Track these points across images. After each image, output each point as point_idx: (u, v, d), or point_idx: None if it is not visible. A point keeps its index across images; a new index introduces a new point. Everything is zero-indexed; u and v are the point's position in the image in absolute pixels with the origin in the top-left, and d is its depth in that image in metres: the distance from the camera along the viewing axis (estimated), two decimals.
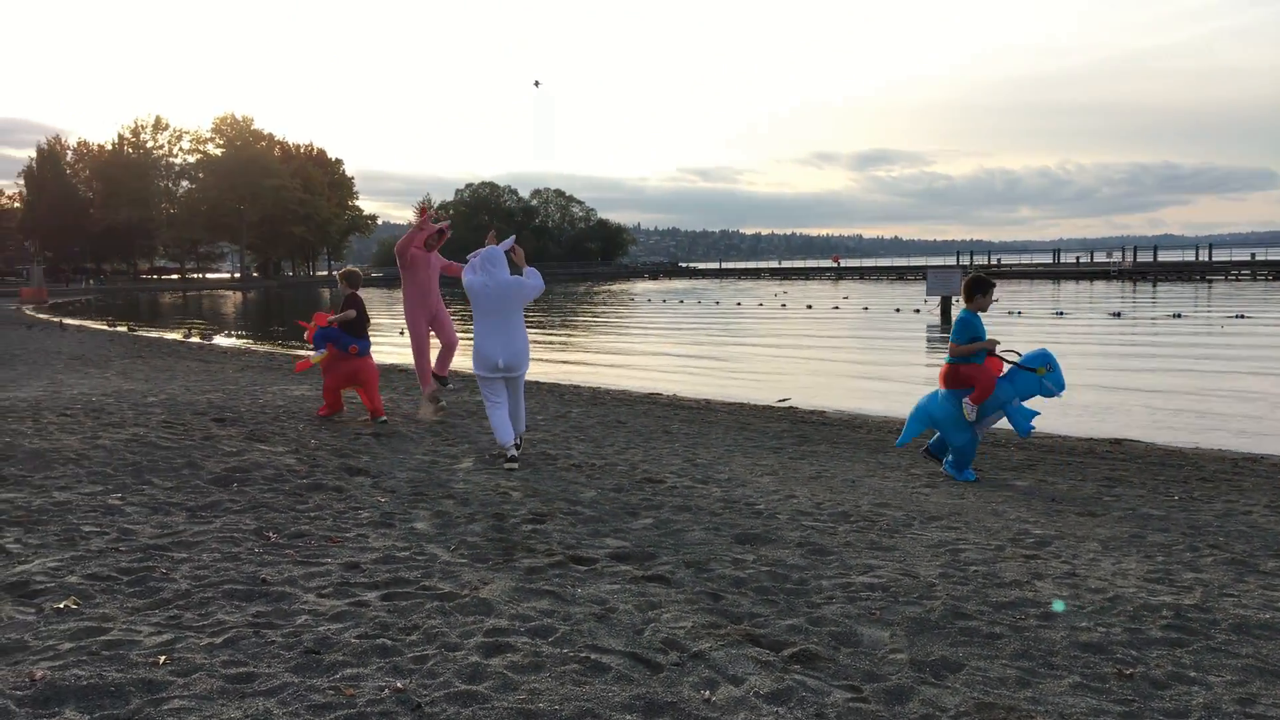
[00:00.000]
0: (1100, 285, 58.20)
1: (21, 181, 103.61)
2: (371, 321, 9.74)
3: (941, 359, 7.77)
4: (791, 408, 12.73)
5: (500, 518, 5.56)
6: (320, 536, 4.97)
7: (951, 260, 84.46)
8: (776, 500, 6.39)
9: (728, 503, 6.24)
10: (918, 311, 32.84)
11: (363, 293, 9.93)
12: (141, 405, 9.60)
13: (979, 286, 7.46)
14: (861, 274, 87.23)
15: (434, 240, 9.78)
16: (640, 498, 6.33)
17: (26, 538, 4.68)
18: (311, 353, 9.53)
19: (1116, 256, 75.98)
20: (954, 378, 7.44)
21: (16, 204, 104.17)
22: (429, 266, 9.74)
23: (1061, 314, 32.12)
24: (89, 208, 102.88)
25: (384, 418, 9.26)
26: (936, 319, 29.08)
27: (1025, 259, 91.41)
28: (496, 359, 7.23)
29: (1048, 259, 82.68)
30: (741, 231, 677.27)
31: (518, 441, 7.42)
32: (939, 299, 30.08)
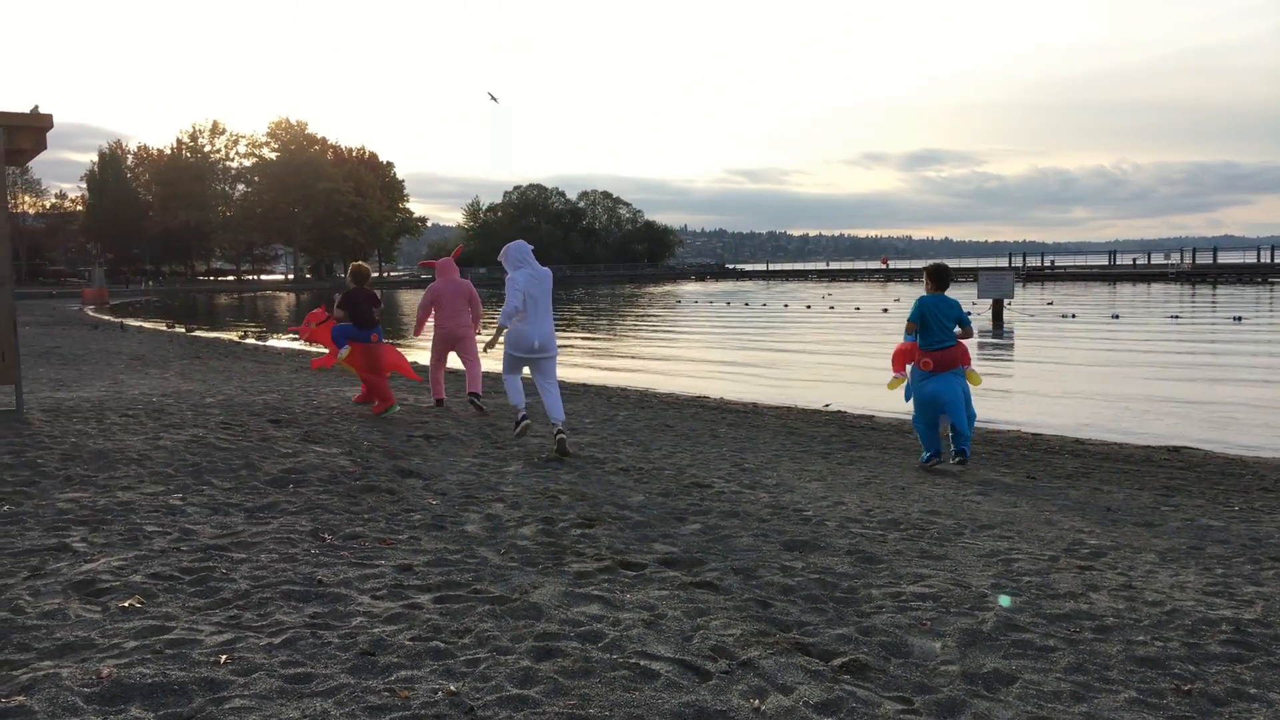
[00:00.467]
0: (1158, 288, 56.99)
1: (84, 184, 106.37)
2: (382, 305, 10.10)
3: (991, 364, 7.71)
4: (839, 412, 12.65)
5: (549, 521, 5.60)
6: (374, 538, 5.05)
7: (1003, 261, 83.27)
8: (825, 506, 6.37)
9: (776, 509, 6.23)
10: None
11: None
12: (200, 406, 9.81)
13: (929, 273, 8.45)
14: (910, 276, 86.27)
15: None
16: (688, 503, 6.34)
17: (92, 536, 4.82)
18: (318, 347, 9.86)
19: (1175, 258, 74.42)
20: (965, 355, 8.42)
21: (79, 207, 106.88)
22: (454, 296, 10.45)
23: (1117, 317, 31.53)
24: (148, 210, 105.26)
25: (395, 405, 9.69)
26: (988, 323, 28.69)
27: (1080, 260, 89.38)
28: (533, 341, 7.99)
29: (1103, 260, 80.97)
30: (789, 233, 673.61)
31: (560, 429, 7.93)
32: (990, 301, 29.60)
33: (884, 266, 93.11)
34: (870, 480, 7.57)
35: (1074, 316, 31.54)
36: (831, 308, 41.80)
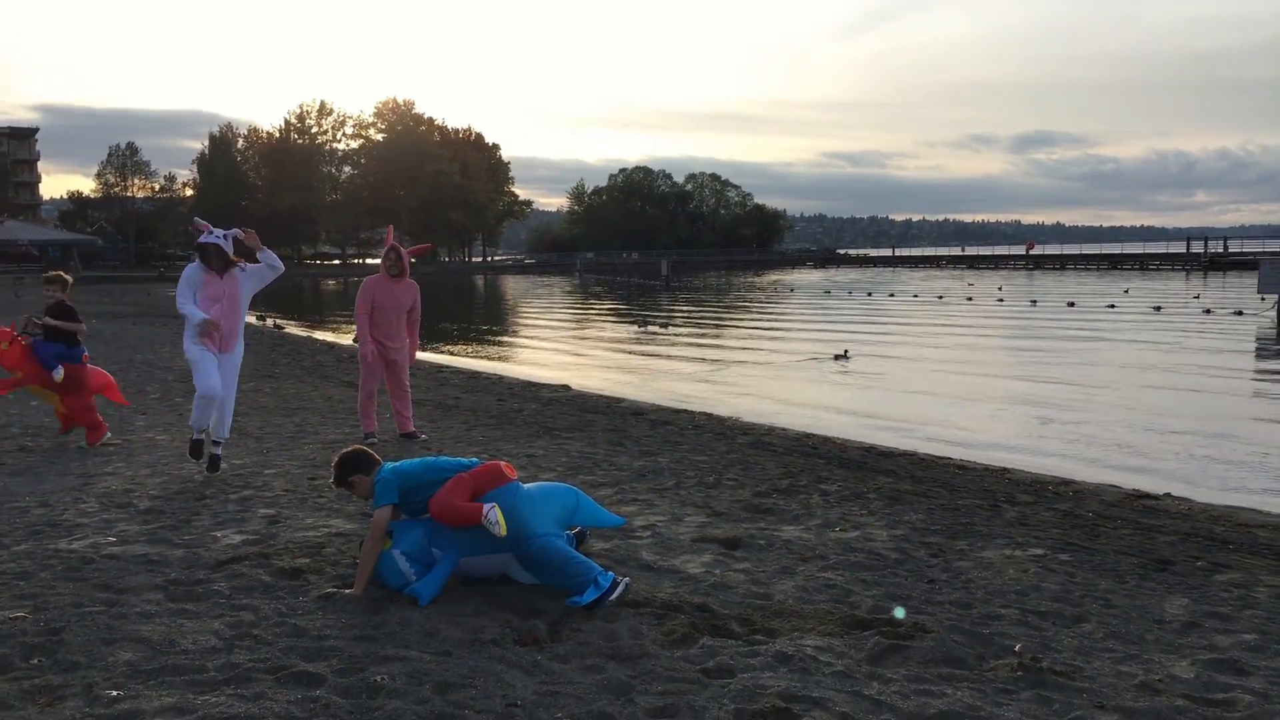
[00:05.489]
0: None
1: (195, 168, 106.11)
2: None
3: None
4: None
5: None
6: None
7: (1121, 247, 74.69)
8: None
9: None
10: (1240, 314, 26.38)
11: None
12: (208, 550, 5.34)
13: None
14: (1062, 263, 78.84)
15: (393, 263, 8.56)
16: None
17: None
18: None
19: None
20: None
21: (190, 191, 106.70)
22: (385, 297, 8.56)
23: None
24: (256, 193, 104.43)
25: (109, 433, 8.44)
26: (1272, 322, 22.81)
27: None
28: None
29: None
30: (891, 218, 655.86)
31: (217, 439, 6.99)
32: (1276, 297, 23.56)
33: (1028, 252, 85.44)
34: None
35: None
36: (1001, 300, 36.00)
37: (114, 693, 3.25)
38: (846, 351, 18.21)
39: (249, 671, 3.44)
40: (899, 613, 4.22)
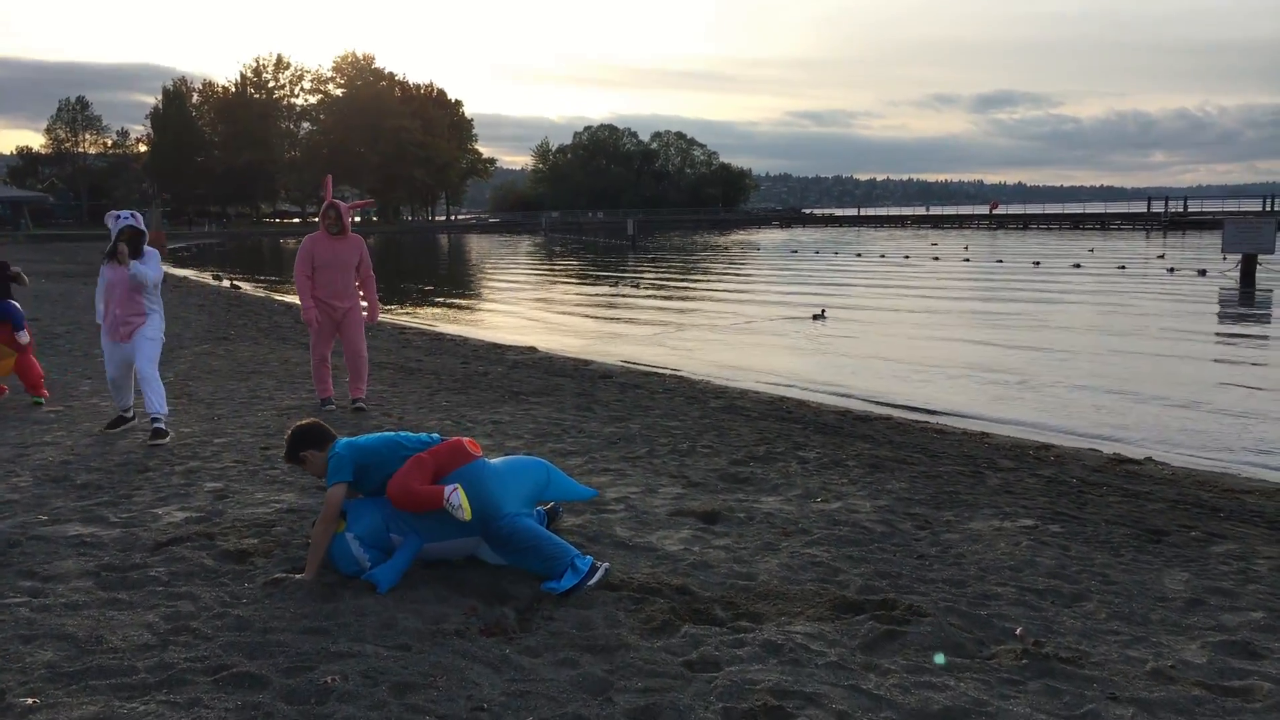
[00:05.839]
0: None
1: (148, 123, 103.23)
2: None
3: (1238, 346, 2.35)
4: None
5: None
6: None
7: (1085, 207, 75.27)
8: None
9: None
10: (1203, 273, 26.38)
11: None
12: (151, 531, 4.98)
13: None
14: (1025, 223, 79.16)
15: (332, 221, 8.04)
16: None
17: None
18: None
19: None
20: None
21: (143, 147, 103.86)
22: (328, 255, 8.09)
23: None
24: (212, 150, 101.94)
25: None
26: (1234, 284, 22.81)
27: (1232, 205, 78.36)
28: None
29: (1257, 206, 71.62)
30: (856, 177, 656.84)
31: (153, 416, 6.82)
32: (1239, 258, 23.51)
33: (992, 212, 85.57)
34: None
35: None
36: (967, 260, 35.96)
37: (29, 700, 2.90)
38: (824, 311, 17.97)
39: (184, 673, 3.10)
40: (939, 659, 3.40)
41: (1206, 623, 3.88)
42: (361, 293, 8.33)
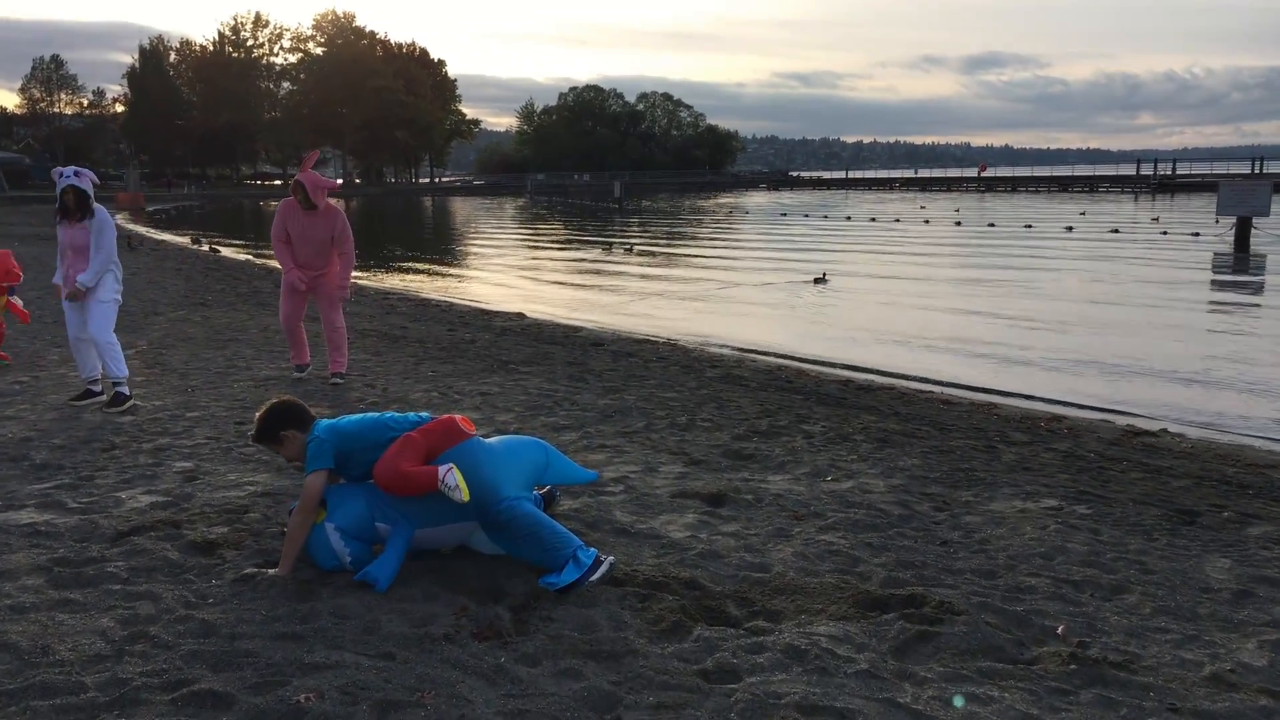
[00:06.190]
0: None
1: (125, 83, 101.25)
2: None
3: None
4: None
5: None
6: None
7: (1071, 170, 74.68)
8: None
9: None
10: (1197, 235, 26.07)
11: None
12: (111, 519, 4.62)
13: None
14: (1013, 185, 78.72)
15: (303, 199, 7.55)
16: None
17: None
18: None
19: None
20: None
21: (121, 107, 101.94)
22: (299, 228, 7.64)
23: None
24: (191, 110, 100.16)
25: None
26: (1228, 246, 22.50)
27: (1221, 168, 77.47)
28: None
29: (1245, 169, 71.11)
30: (843, 139, 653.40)
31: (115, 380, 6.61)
32: (1233, 220, 23.19)
33: (980, 175, 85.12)
34: None
35: None
36: (959, 224, 35.58)
37: None
38: (825, 275, 17.65)
39: (139, 690, 2.75)
40: (958, 702, 2.88)
41: (1260, 617, 3.58)
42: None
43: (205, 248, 26.81)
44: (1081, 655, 3.16)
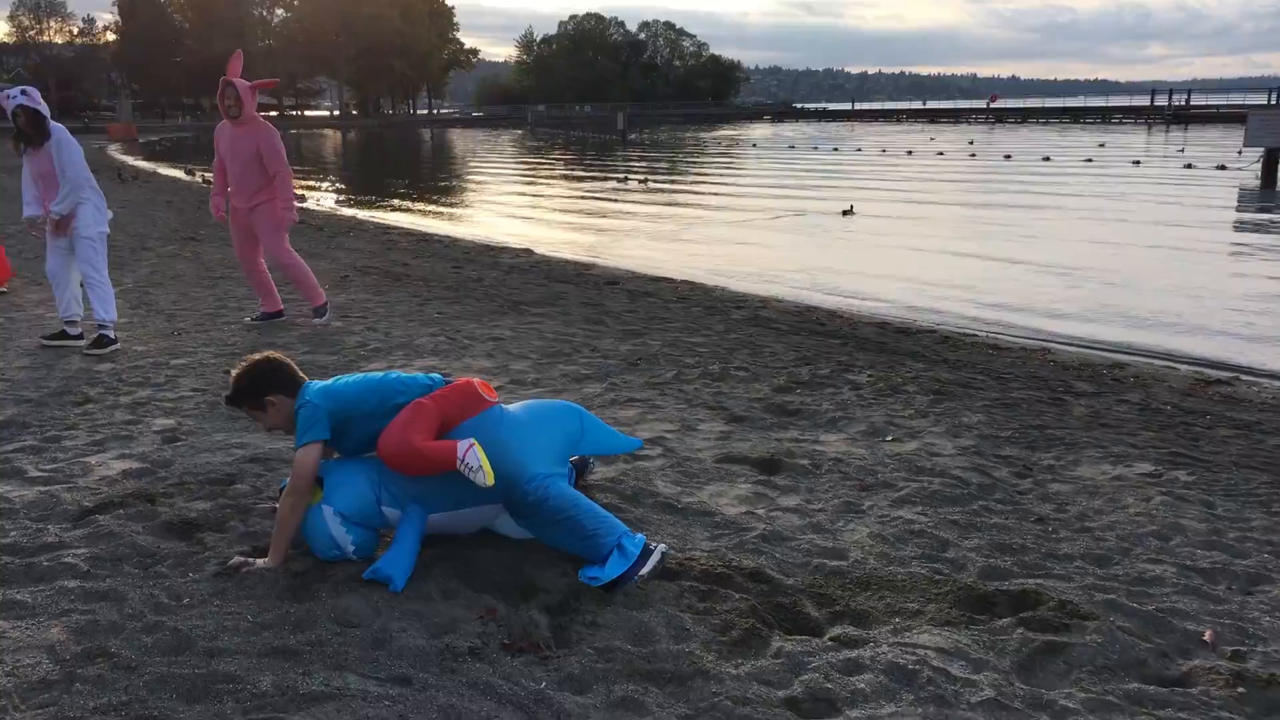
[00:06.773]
0: None
1: (116, 10, 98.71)
2: None
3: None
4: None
5: None
6: None
7: (1085, 100, 72.61)
8: None
9: None
10: (1223, 168, 25.23)
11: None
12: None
13: None
14: (1023, 117, 77.07)
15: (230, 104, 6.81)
16: None
17: None
18: None
19: None
20: None
21: (112, 35, 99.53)
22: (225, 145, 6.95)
23: None
24: (184, 39, 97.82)
25: None
26: (1256, 179, 21.69)
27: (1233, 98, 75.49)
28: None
29: (1261, 99, 69.29)
30: (847, 70, 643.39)
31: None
32: (1262, 151, 22.32)
33: (989, 106, 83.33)
34: None
35: None
36: (974, 155, 34.57)
37: None
38: (852, 207, 17.03)
39: None
40: None
41: None
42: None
43: (198, 179, 25.96)
44: (1250, 675, 2.59)
